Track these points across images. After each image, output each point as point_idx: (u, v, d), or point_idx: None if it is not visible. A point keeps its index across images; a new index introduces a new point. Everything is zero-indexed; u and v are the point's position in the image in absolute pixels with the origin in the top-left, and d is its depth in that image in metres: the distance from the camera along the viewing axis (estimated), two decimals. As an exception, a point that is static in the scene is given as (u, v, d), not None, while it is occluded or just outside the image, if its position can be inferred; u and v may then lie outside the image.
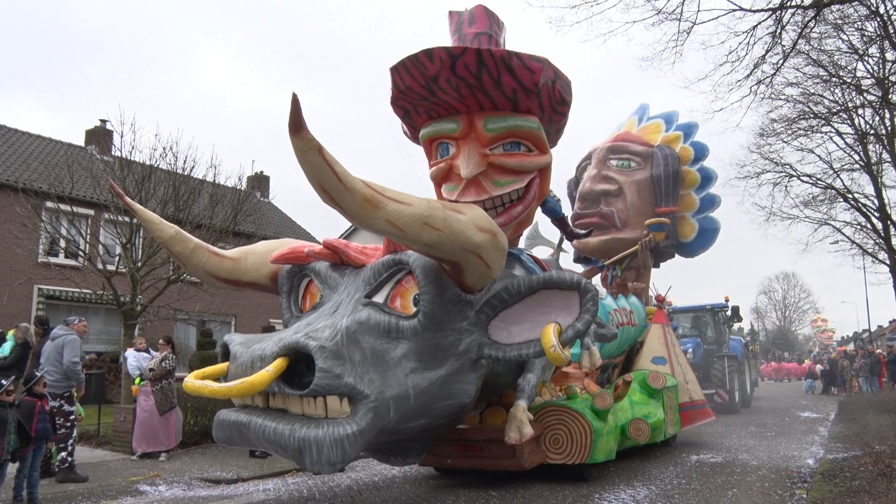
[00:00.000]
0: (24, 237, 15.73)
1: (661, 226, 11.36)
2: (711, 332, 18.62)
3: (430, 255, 5.01)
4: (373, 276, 5.41)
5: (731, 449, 9.98)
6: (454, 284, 5.26)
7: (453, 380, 5.30)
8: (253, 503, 6.68)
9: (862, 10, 13.31)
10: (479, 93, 5.80)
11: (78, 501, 6.77)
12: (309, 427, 4.41)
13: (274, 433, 4.45)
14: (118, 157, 15.21)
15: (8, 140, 21.63)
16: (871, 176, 21.18)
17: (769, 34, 11.18)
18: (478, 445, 6.75)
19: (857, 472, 6.92)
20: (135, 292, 13.50)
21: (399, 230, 4.52)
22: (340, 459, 4.43)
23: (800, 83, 18.45)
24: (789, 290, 69.98)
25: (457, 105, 5.98)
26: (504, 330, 5.38)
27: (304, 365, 4.53)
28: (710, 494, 6.57)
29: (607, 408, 7.17)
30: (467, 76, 5.60)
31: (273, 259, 5.98)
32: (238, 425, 4.70)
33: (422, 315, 5.11)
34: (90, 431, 10.94)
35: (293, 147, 4.01)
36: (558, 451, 6.97)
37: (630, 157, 11.56)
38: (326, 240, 5.78)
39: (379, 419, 4.69)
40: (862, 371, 22.71)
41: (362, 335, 4.88)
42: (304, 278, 6.09)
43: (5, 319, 16.21)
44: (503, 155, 6.07)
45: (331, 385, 4.47)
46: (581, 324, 5.07)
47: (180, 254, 6.03)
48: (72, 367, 7.75)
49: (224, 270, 6.14)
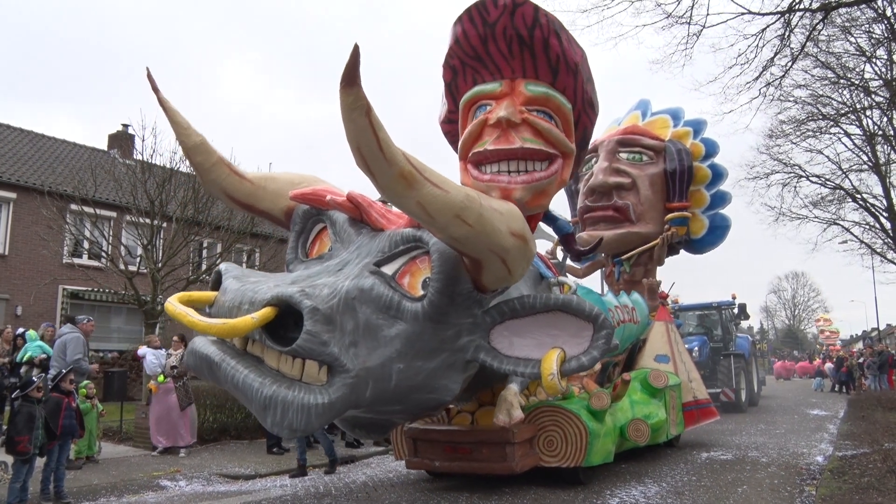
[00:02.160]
0: (50, 239, 16.16)
1: (683, 220, 11.16)
2: (718, 330, 18.34)
3: (452, 247, 4.80)
4: (389, 245, 5.10)
5: (741, 446, 9.99)
6: (469, 279, 5.02)
7: (440, 375, 5.05)
8: (270, 498, 6.84)
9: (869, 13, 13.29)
10: (527, 53, 5.93)
11: (102, 496, 6.99)
12: (280, 385, 4.21)
13: (243, 381, 4.23)
14: (140, 160, 15.56)
15: (35, 145, 22.16)
16: (880, 176, 21.11)
17: (777, 37, 11.21)
18: (467, 448, 6.53)
19: (866, 469, 6.94)
20: (155, 292, 13.80)
21: (428, 216, 4.29)
22: (302, 427, 4.22)
23: (808, 85, 18.46)
24: (799, 290, 69.76)
25: (503, 66, 6.12)
26: (506, 339, 5.19)
27: (293, 319, 4.29)
28: (719, 491, 6.62)
29: (604, 408, 6.91)
30: (521, 27, 5.77)
31: (292, 196, 5.68)
32: (210, 362, 4.42)
33: (427, 301, 4.83)
34: (113, 428, 11.22)
35: (341, 102, 3.77)
36: (552, 454, 6.71)
37: (642, 150, 11.23)
38: (351, 192, 5.48)
39: (353, 396, 4.48)
40: (870, 369, 22.49)
41: (360, 304, 4.63)
42: (319, 223, 5.81)
43: (32, 318, 16.65)
44: (537, 117, 6.05)
45: (313, 350, 4.26)
46: (587, 359, 4.89)
47: (200, 165, 5.62)
48: (75, 364, 8.10)
49: (241, 192, 5.79)
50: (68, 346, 8.18)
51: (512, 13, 5.77)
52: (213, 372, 4.43)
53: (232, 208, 5.64)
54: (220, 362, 4.35)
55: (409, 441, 6.93)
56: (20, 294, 18.35)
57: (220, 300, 4.63)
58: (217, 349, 4.47)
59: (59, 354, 8.19)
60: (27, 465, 6.20)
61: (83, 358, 8.31)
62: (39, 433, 6.16)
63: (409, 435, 6.90)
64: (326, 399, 4.27)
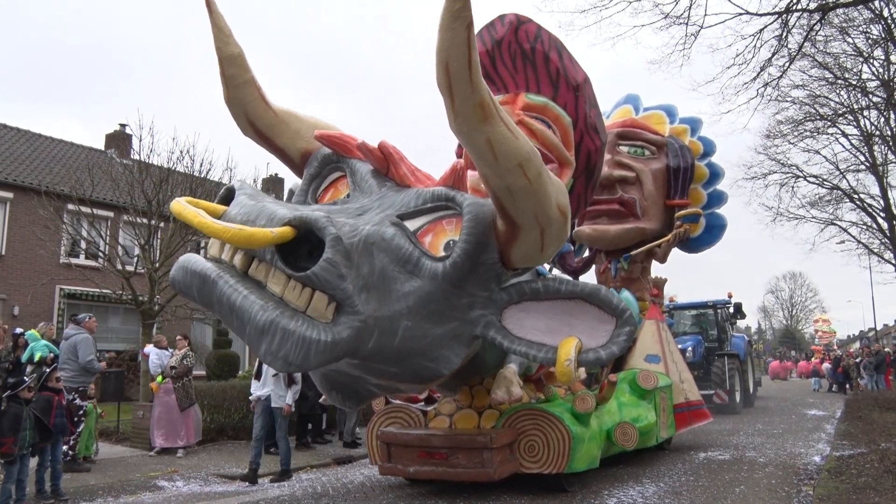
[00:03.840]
0: (47, 239, 16.11)
1: (695, 217, 10.97)
2: (714, 329, 18.07)
3: (498, 204, 4.52)
4: (415, 200, 4.83)
5: (739, 446, 10.01)
6: (496, 250, 4.81)
7: (445, 344, 4.79)
8: (268, 498, 6.83)
9: (866, 14, 13.36)
10: (530, 67, 6.21)
11: (99, 496, 6.98)
12: (283, 313, 3.86)
13: (241, 301, 3.85)
14: (137, 160, 15.52)
15: (32, 144, 22.12)
16: (877, 176, 21.21)
17: (775, 37, 11.25)
18: (443, 453, 6.23)
19: (863, 469, 6.96)
20: (153, 292, 13.77)
21: (493, 157, 4.07)
22: (298, 362, 3.89)
23: (806, 85, 18.57)
24: (796, 290, 70.18)
25: (508, 81, 6.39)
26: (518, 321, 4.93)
27: (308, 249, 4.02)
28: (717, 491, 6.63)
29: (588, 411, 6.60)
30: (525, 42, 6.07)
31: (318, 135, 5.38)
32: (204, 277, 4.00)
33: (451, 262, 4.59)
34: (110, 428, 11.20)
35: (445, 8, 3.55)
36: (533, 459, 6.39)
37: (644, 144, 10.92)
38: (384, 142, 5.20)
39: (356, 342, 4.18)
40: (867, 369, 22.55)
41: (378, 251, 4.36)
42: (337, 171, 5.51)
43: (29, 318, 16.60)
44: (534, 120, 6.15)
45: (329, 281, 3.94)
46: (606, 354, 4.68)
47: (232, 78, 5.23)
48: (88, 366, 8.13)
49: (263, 121, 5.45)
50: (79, 347, 8.17)
51: (516, 29, 6.12)
52: (206, 290, 4.00)
53: (247, 137, 5.56)
54: (217, 279, 3.95)
55: (383, 446, 6.62)
56: (17, 294, 18.31)
57: (231, 213, 4.17)
58: (215, 266, 4.06)
59: (70, 356, 8.17)
60: (15, 466, 6.15)
61: (94, 359, 8.35)
62: (27, 434, 6.13)
63: (383, 439, 6.62)
64: (330, 337, 3.96)
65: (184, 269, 4.15)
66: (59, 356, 8.24)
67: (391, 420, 7.05)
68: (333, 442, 10.94)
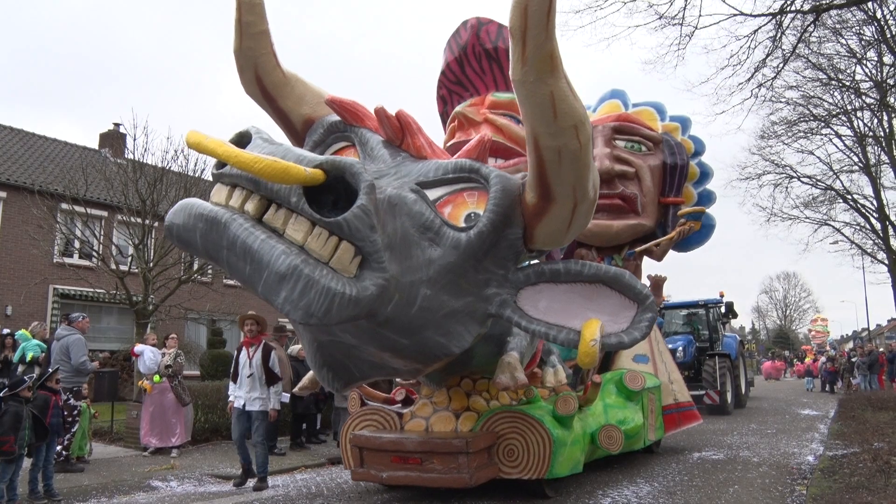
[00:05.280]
0: (40, 238, 16.07)
1: (698, 215, 10.82)
2: (705, 329, 17.91)
3: (539, 171, 4.29)
4: (435, 171, 4.66)
5: (733, 446, 10.03)
6: (521, 226, 4.63)
7: (460, 319, 4.56)
8: (262, 498, 6.82)
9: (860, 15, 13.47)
10: (496, 66, 6.32)
11: (93, 496, 6.95)
12: (307, 260, 3.55)
13: (260, 245, 3.50)
14: (131, 159, 15.50)
15: (25, 143, 22.05)
16: (870, 177, 21.38)
17: (769, 38, 11.33)
18: (417, 458, 5.91)
19: (855, 469, 6.99)
20: (147, 292, 13.75)
21: (553, 114, 3.88)
22: (320, 314, 3.56)
23: (800, 86, 18.72)
24: (790, 290, 70.60)
25: (478, 85, 6.49)
26: (533, 303, 4.74)
27: (331, 199, 3.73)
28: (711, 491, 6.64)
29: (571, 413, 6.26)
30: (487, 42, 6.16)
31: (330, 99, 5.14)
32: (212, 220, 3.61)
33: (476, 232, 4.41)
34: (103, 428, 11.16)
35: None
36: (513, 464, 6.05)
37: (642, 140, 10.70)
38: (402, 111, 4.99)
39: (378, 301, 3.87)
40: (860, 369, 22.69)
41: (401, 214, 4.14)
42: (342, 141, 5.24)
43: (22, 318, 16.55)
44: (501, 116, 6.28)
45: (359, 231, 3.64)
46: (628, 338, 4.50)
47: (247, 26, 4.92)
48: (81, 367, 8.10)
49: (270, 79, 5.18)
50: (71, 348, 8.12)
51: (478, 31, 6.25)
52: (214, 234, 3.60)
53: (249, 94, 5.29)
54: (229, 221, 3.57)
55: (355, 450, 6.31)
56: (10, 294, 18.25)
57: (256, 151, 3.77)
58: (224, 209, 3.69)
59: (62, 356, 8.11)
60: (13, 465, 6.14)
61: (87, 360, 8.31)
62: (26, 433, 6.12)
63: (355, 442, 6.32)
64: (354, 292, 3.65)
65: (186, 213, 3.72)
66: (52, 357, 8.22)
67: (366, 423, 6.75)
68: (328, 442, 10.93)
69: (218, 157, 3.57)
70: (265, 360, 7.45)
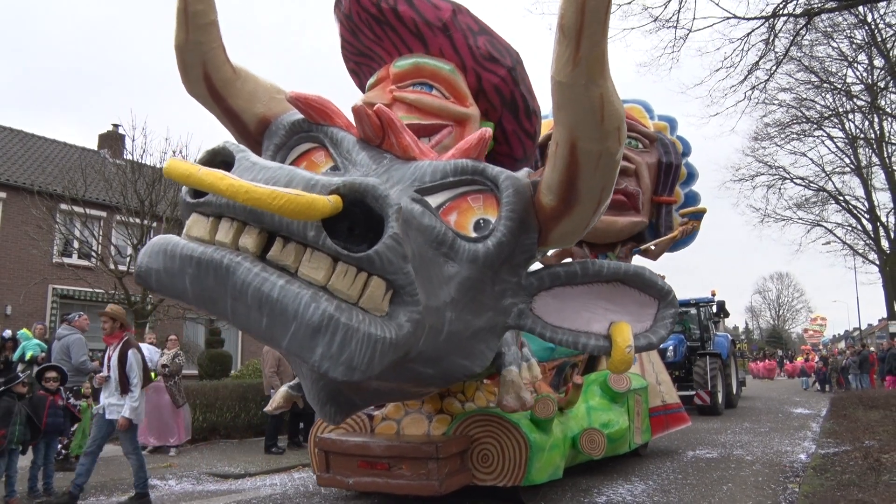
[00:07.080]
0: (40, 238, 16.13)
1: (699, 214, 10.68)
2: (696, 328, 17.63)
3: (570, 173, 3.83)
4: (432, 174, 4.11)
5: (726, 445, 10.09)
6: (536, 228, 4.21)
7: (483, 337, 4.16)
8: (260, 497, 6.86)
9: (851, 19, 13.57)
10: (389, 29, 5.51)
11: (91, 495, 6.99)
12: (340, 306, 2.99)
13: (281, 292, 2.90)
14: (130, 160, 15.56)
15: (25, 144, 22.12)
16: (862, 179, 21.60)
17: (762, 41, 11.43)
18: (385, 463, 5.56)
19: (847, 467, 7.05)
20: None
21: (601, 117, 3.51)
22: (363, 368, 2.99)
23: (792, 88, 18.92)
24: (783, 290, 71.02)
25: (380, 52, 5.71)
26: (550, 309, 4.35)
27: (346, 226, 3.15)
28: (705, 489, 6.71)
29: (550, 416, 5.91)
30: (368, 5, 5.37)
31: (293, 95, 4.48)
32: (207, 265, 3.00)
33: (493, 242, 3.93)
34: (103, 428, 11.22)
35: None
36: (487, 470, 5.70)
37: (638, 137, 10.44)
38: (381, 107, 4.40)
39: (413, 338, 3.33)
40: (851, 368, 22.82)
41: (412, 230, 3.53)
42: (308, 142, 4.57)
43: (22, 318, 16.61)
44: (409, 91, 5.46)
45: (391, 263, 3.09)
46: (656, 338, 4.19)
47: (195, 15, 4.29)
48: (81, 366, 8.16)
49: (219, 75, 4.56)
50: (72, 348, 8.20)
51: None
52: (211, 280, 3.01)
53: (194, 94, 4.70)
54: (233, 265, 2.96)
55: (321, 453, 5.93)
56: (10, 294, 18.30)
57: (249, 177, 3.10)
58: (217, 248, 3.07)
59: (63, 356, 8.17)
60: (5, 459, 6.17)
61: (87, 359, 8.37)
62: (17, 429, 6.15)
63: (321, 446, 5.94)
64: (394, 334, 3.13)
65: (166, 254, 3.13)
66: (52, 356, 8.27)
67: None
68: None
69: (220, 193, 2.85)
70: (121, 363, 6.38)
